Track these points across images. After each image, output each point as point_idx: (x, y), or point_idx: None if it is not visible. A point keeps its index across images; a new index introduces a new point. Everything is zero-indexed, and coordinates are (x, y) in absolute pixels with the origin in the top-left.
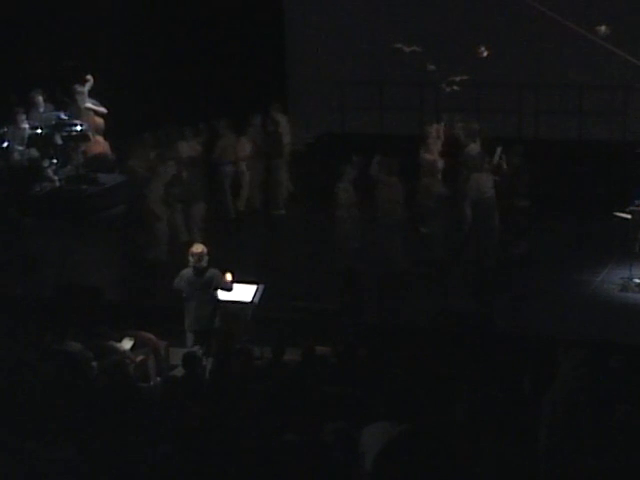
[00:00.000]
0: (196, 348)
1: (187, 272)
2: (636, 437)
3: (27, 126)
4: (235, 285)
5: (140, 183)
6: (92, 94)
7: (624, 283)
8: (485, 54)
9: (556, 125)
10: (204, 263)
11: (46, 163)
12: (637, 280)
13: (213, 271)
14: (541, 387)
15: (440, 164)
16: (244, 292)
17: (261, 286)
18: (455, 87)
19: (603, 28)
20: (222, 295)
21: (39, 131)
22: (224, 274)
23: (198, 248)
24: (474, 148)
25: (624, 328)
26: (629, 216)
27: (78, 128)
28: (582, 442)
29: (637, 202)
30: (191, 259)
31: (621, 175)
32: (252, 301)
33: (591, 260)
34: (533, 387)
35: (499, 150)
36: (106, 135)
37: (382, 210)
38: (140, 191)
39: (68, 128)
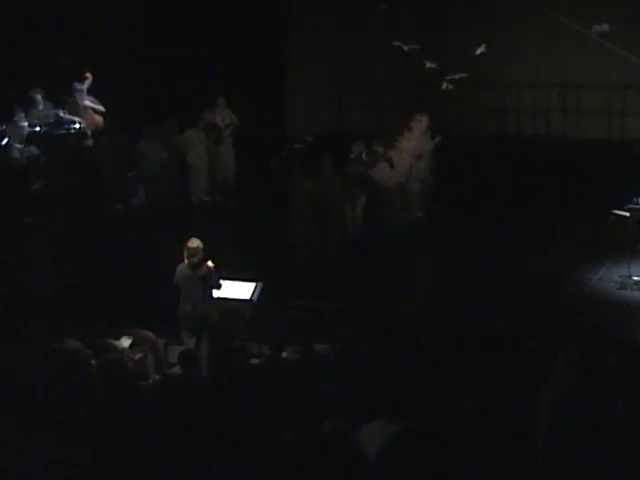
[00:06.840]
0: (192, 346)
1: (182, 267)
2: (634, 435)
3: (26, 124)
4: (234, 283)
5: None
6: (91, 92)
7: (622, 281)
8: (481, 51)
9: (554, 123)
10: (197, 259)
11: None
12: (635, 278)
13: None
14: (540, 386)
15: None
16: (243, 290)
17: (260, 284)
18: (452, 86)
19: (603, 27)
20: (221, 292)
21: (37, 129)
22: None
23: (194, 243)
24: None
25: (622, 326)
26: (627, 214)
27: (77, 126)
28: (580, 441)
29: (635, 200)
30: (186, 253)
31: (619, 173)
32: (251, 299)
33: (589, 258)
34: (532, 386)
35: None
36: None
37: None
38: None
39: (66, 126)
